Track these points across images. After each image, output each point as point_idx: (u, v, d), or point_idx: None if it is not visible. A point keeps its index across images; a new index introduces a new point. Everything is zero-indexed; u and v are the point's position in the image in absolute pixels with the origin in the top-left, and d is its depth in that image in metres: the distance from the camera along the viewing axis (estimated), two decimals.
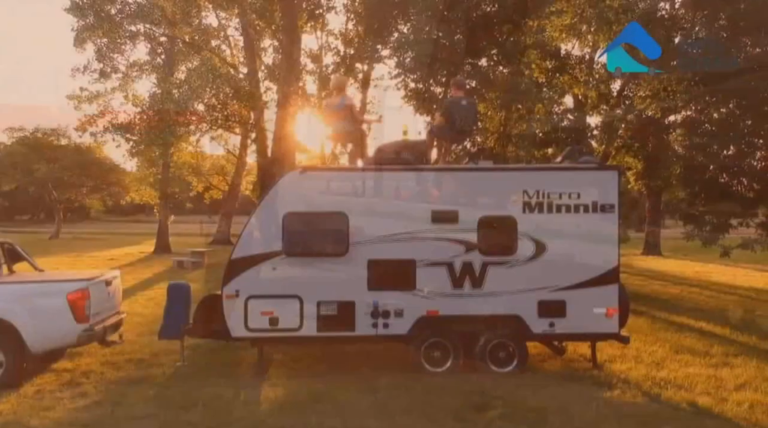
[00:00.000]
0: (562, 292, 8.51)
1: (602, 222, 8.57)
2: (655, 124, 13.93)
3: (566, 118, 13.40)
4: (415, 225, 8.45)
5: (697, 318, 13.17)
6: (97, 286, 8.75)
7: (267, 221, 8.40)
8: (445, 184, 8.60)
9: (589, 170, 8.69)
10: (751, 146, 13.11)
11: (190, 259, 26.15)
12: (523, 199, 8.52)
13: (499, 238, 8.53)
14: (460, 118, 9.13)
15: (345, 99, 9.15)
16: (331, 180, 8.61)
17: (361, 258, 8.39)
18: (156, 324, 12.50)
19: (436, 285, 8.44)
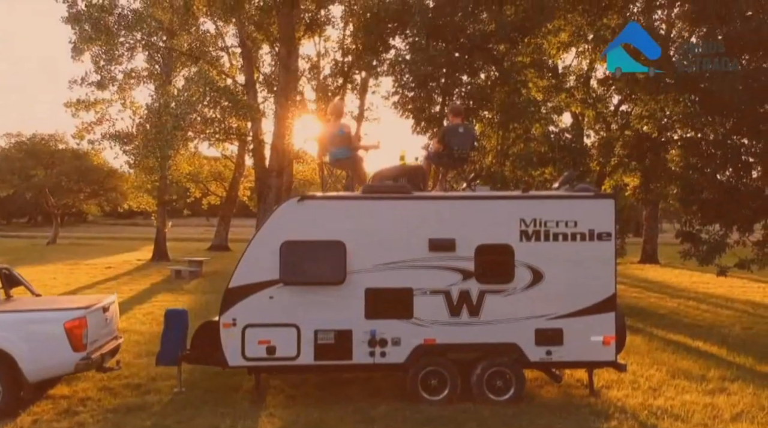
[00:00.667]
0: (560, 320, 8.53)
1: (599, 251, 8.58)
2: (651, 141, 13.95)
3: (564, 138, 13.39)
4: (413, 253, 8.46)
5: (693, 337, 13.20)
6: (95, 314, 8.74)
7: (264, 250, 8.39)
8: (442, 212, 8.60)
9: (586, 199, 8.70)
10: (747, 165, 13.15)
11: (187, 269, 26.15)
12: (520, 228, 8.52)
13: (496, 266, 8.53)
14: (458, 145, 9.15)
15: (343, 126, 9.16)
16: (328, 208, 8.62)
17: (358, 287, 8.39)
18: (154, 343, 12.58)
19: (433, 314, 8.45)
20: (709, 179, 12.95)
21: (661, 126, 13.34)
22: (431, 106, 13.78)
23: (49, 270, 28.11)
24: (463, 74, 13.89)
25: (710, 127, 12.69)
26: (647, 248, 31.37)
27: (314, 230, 8.42)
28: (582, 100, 14.18)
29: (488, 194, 8.99)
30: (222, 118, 19.38)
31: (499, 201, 8.82)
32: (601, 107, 14.34)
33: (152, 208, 33.26)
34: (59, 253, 37.11)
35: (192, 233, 58.07)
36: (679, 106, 12.56)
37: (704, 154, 13.01)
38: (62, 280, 24.36)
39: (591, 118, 14.63)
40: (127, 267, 30.31)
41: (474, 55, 13.54)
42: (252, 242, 8.55)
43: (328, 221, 8.49)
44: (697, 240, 13.61)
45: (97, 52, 22.23)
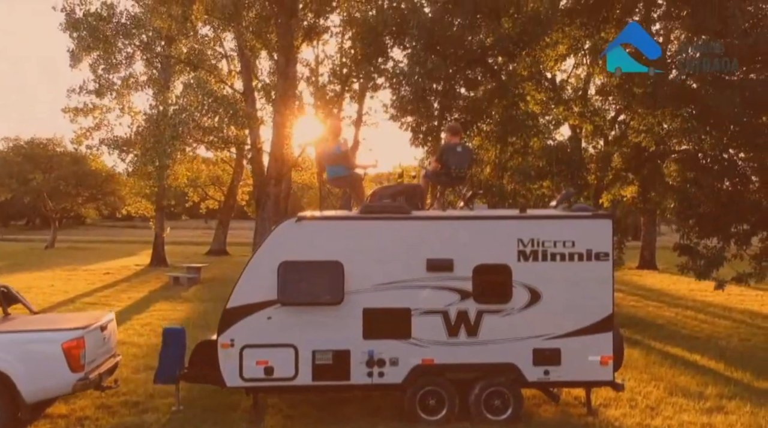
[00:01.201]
0: (557, 340, 8.54)
1: (597, 271, 8.59)
2: (649, 153, 13.96)
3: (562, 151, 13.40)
4: (411, 273, 8.47)
5: (691, 350, 13.22)
6: (93, 333, 8.73)
7: (262, 270, 8.39)
8: (440, 232, 8.61)
9: (584, 219, 8.71)
10: (745, 178, 13.17)
11: (186, 275, 26.15)
12: (518, 248, 8.53)
13: (494, 286, 8.55)
14: (455, 164, 9.16)
15: (341, 145, 9.17)
16: (326, 229, 8.62)
17: (356, 307, 8.40)
18: (152, 357, 12.58)
19: (431, 334, 8.45)
20: (707, 193, 12.97)
21: (658, 139, 13.36)
22: (430, 120, 13.78)
23: (47, 276, 28.09)
24: (461, 88, 13.89)
25: (708, 141, 12.71)
26: (645, 254, 31.41)
27: (312, 250, 8.43)
28: (580, 113, 14.19)
29: (486, 214, 8.99)
30: (220, 128, 19.39)
31: (496, 221, 8.84)
32: (598, 120, 14.36)
33: (150, 214, 33.23)
34: (57, 258, 37.08)
35: (190, 236, 58.06)
36: (677, 120, 12.59)
37: (702, 168, 13.03)
38: (60, 288, 24.34)
39: (588, 131, 14.65)
40: (126, 273, 30.29)
41: (472, 68, 13.54)
42: (250, 262, 8.56)
43: (326, 241, 8.49)
44: (695, 254, 13.63)
45: (96, 58, 22.20)
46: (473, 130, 14.18)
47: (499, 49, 13.29)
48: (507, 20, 13.56)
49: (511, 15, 13.32)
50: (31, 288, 23.74)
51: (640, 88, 12.77)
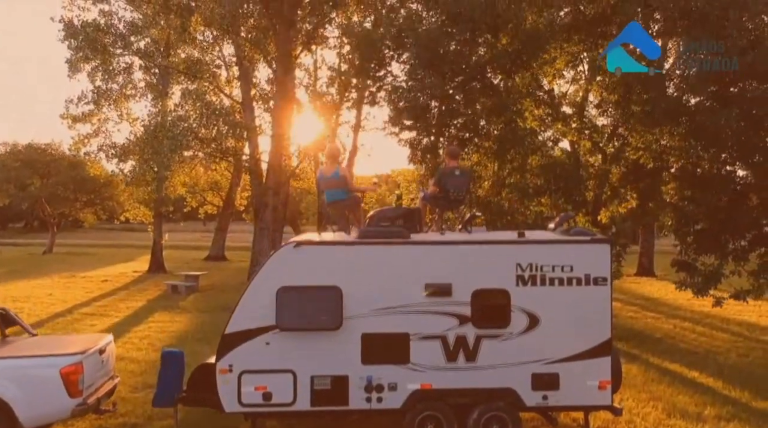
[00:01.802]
0: (556, 365, 8.54)
1: (595, 295, 8.59)
2: (647, 169, 13.97)
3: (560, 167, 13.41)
4: (409, 298, 8.47)
5: (690, 366, 13.22)
6: (91, 358, 8.73)
7: (261, 295, 8.40)
8: (438, 256, 8.61)
9: (582, 243, 8.71)
10: (743, 196, 13.17)
11: (184, 284, 26.12)
12: (517, 272, 8.54)
13: (492, 311, 8.55)
14: (454, 188, 9.18)
15: (339, 169, 9.18)
16: (324, 254, 8.62)
17: (354, 332, 8.40)
18: (150, 373, 12.58)
19: (430, 359, 8.46)
20: (704, 211, 12.99)
21: (656, 156, 13.36)
22: (428, 136, 13.77)
23: (46, 284, 28.05)
24: (459, 105, 13.89)
25: (705, 160, 12.72)
26: (643, 261, 31.43)
27: (310, 275, 8.43)
28: (578, 129, 14.20)
29: (484, 239, 8.98)
30: (219, 139, 19.37)
31: (495, 246, 8.82)
32: (596, 137, 14.37)
33: (149, 220, 33.21)
34: (56, 264, 37.03)
35: (189, 240, 57.97)
36: (674, 138, 12.59)
37: (699, 185, 13.04)
38: (59, 297, 24.31)
39: (586, 148, 14.65)
40: (124, 281, 30.25)
41: (470, 84, 13.53)
42: (248, 288, 8.56)
43: (325, 266, 8.49)
44: (693, 270, 13.64)
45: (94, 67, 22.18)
46: (471, 146, 14.18)
47: (497, 65, 13.28)
48: (505, 36, 13.57)
49: (510, 32, 13.32)
50: (30, 298, 23.74)
51: (637, 106, 12.78)
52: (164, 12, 18.23)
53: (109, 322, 19.11)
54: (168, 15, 18.28)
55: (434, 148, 13.87)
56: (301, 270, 8.44)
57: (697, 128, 12.28)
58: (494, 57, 13.10)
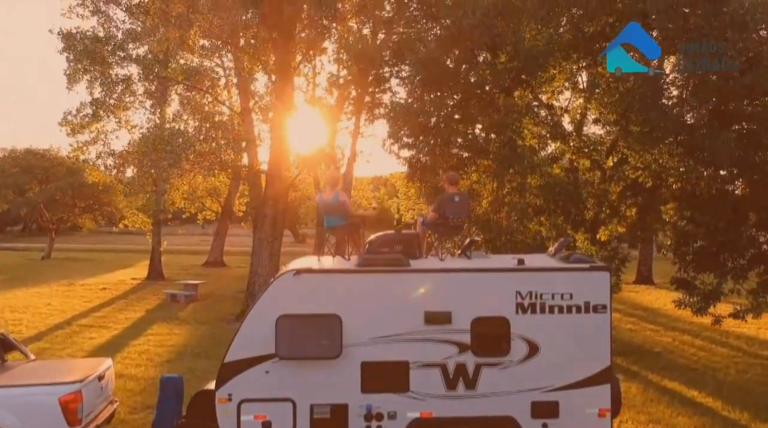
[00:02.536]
0: (556, 393, 8.52)
1: (594, 323, 8.58)
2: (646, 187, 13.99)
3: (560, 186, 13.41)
4: (408, 326, 8.45)
5: (689, 384, 13.23)
6: (90, 385, 8.73)
7: (260, 324, 8.37)
8: (438, 284, 8.60)
9: (581, 271, 8.71)
10: (742, 214, 13.18)
11: (183, 293, 26.15)
12: (516, 300, 8.53)
13: (492, 339, 8.54)
14: (453, 214, 9.18)
15: (339, 195, 9.18)
16: (324, 282, 8.61)
17: (354, 361, 8.38)
18: (150, 392, 12.57)
19: (429, 387, 8.44)
20: (703, 231, 13.00)
21: (655, 175, 13.37)
22: (427, 155, 13.77)
23: (44, 293, 28.04)
24: (458, 124, 13.89)
25: (704, 179, 12.73)
26: (642, 269, 31.48)
27: (310, 304, 8.41)
28: (577, 148, 14.20)
29: (484, 267, 8.97)
30: (217, 153, 19.35)
31: (494, 273, 8.82)
32: (596, 155, 14.38)
33: (147, 228, 33.20)
34: (54, 270, 36.99)
35: (187, 244, 57.88)
36: (674, 159, 12.61)
37: (698, 206, 13.06)
38: (57, 306, 24.33)
39: (585, 167, 14.65)
40: (123, 289, 30.25)
41: (469, 103, 13.52)
42: (248, 316, 8.54)
43: (324, 294, 8.47)
44: (692, 288, 13.64)
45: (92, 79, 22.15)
46: (470, 166, 14.18)
47: (496, 83, 13.27)
48: (504, 55, 13.56)
49: (509, 50, 13.32)
50: (28, 308, 23.75)
51: (636, 126, 12.80)
52: (163, 24, 18.21)
53: (108, 335, 19.12)
54: (167, 27, 18.26)
55: (433, 167, 13.88)
56: (300, 298, 8.41)
57: (695, 148, 12.29)
58: (493, 75, 13.10)
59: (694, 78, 12.67)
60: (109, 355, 16.17)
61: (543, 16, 13.37)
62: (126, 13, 22.96)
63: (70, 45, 20.48)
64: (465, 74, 13.47)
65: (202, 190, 38.23)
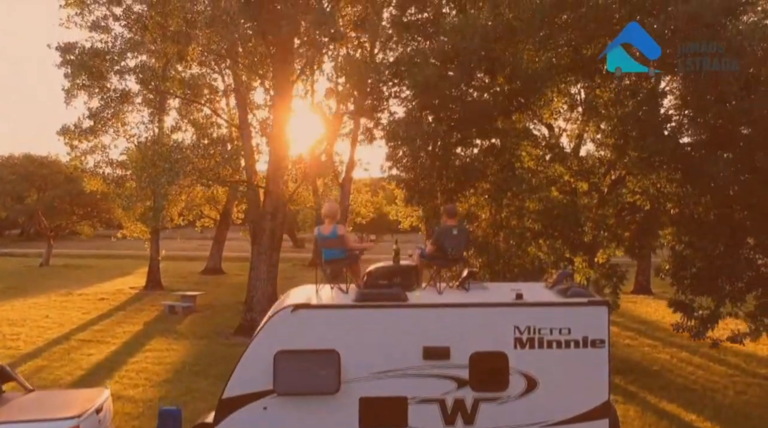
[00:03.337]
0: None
1: (592, 358, 8.58)
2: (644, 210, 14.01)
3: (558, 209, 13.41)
4: (407, 361, 8.45)
5: (687, 407, 13.24)
6: (89, 419, 8.72)
7: (258, 359, 8.36)
8: (436, 319, 8.60)
9: (579, 306, 8.71)
10: (740, 238, 13.20)
11: (181, 304, 26.11)
12: (515, 335, 8.54)
13: (490, 374, 8.54)
14: (451, 247, 9.19)
15: (338, 228, 9.18)
16: (322, 317, 8.60)
17: (352, 396, 8.37)
18: (148, 417, 12.56)
19: (428, 423, 8.44)
20: (701, 256, 13.02)
21: (653, 199, 13.40)
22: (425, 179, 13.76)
23: (42, 303, 27.99)
24: (456, 147, 13.90)
25: (702, 205, 12.75)
26: (640, 279, 31.50)
27: (308, 339, 8.40)
28: (576, 171, 14.21)
29: (482, 301, 8.97)
30: (216, 169, 19.35)
31: (493, 308, 8.82)
32: (594, 178, 14.39)
33: (146, 237, 33.19)
34: (52, 279, 36.95)
35: (186, 249, 57.82)
36: (672, 185, 12.62)
37: (696, 231, 13.07)
38: (55, 319, 24.28)
39: (583, 190, 14.65)
40: (121, 299, 30.19)
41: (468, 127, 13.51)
42: (246, 352, 8.53)
43: (322, 330, 8.47)
44: (690, 310, 13.66)
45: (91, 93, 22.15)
46: (469, 190, 14.18)
47: (494, 106, 13.27)
48: (502, 77, 13.56)
49: (507, 74, 13.32)
50: (26, 321, 23.70)
51: (635, 151, 12.80)
52: (162, 40, 18.19)
53: (106, 351, 19.09)
54: (165, 42, 18.24)
55: (432, 190, 13.87)
56: (298, 333, 8.41)
57: (693, 174, 12.30)
58: (492, 98, 13.10)
59: (692, 100, 12.66)
60: (107, 373, 16.35)
61: (541, 39, 13.38)
62: (124, 28, 22.90)
63: (68, 60, 20.45)
64: (463, 97, 13.46)
65: (200, 198, 38.27)
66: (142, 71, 20.96)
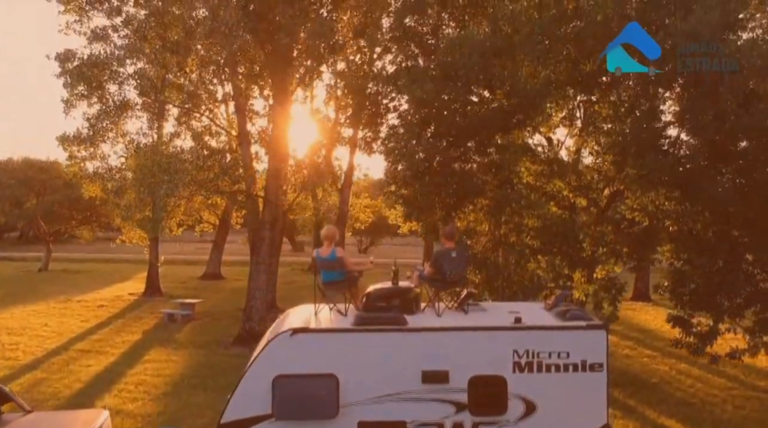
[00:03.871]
0: None
1: (591, 381, 8.59)
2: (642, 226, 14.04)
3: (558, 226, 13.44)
4: (405, 385, 8.45)
5: (686, 422, 13.25)
6: None
7: (257, 384, 8.36)
8: (435, 343, 8.60)
9: (578, 330, 8.72)
10: (740, 256, 13.21)
11: (180, 312, 26.09)
12: (513, 359, 8.54)
13: (489, 398, 8.54)
14: (450, 270, 9.20)
15: (336, 251, 9.19)
16: (320, 341, 8.60)
17: (351, 420, 8.37)
18: None
19: None
20: (699, 273, 13.04)
21: (651, 216, 13.42)
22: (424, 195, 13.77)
23: (41, 311, 27.96)
24: (455, 163, 13.91)
25: (701, 222, 12.77)
26: (639, 285, 31.52)
27: (307, 364, 8.40)
28: (575, 187, 14.23)
29: (481, 325, 8.97)
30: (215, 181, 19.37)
31: (491, 332, 8.82)
32: (593, 194, 14.41)
33: (145, 243, 33.19)
34: (51, 284, 36.92)
35: (185, 253, 57.79)
36: (671, 202, 12.65)
37: (695, 249, 13.09)
38: (54, 328, 24.26)
39: (582, 206, 14.67)
40: (120, 306, 30.20)
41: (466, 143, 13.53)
42: (244, 376, 8.52)
43: (321, 354, 8.47)
44: (689, 326, 13.68)
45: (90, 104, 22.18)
46: (468, 206, 14.19)
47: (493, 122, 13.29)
48: (500, 93, 13.58)
49: (505, 91, 13.34)
50: (25, 330, 23.68)
51: (633, 169, 12.82)
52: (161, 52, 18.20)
53: (105, 362, 19.08)
54: (165, 54, 18.26)
55: (431, 206, 13.88)
56: (297, 358, 8.41)
57: (692, 190, 12.31)
58: (490, 114, 13.11)
59: (690, 117, 12.67)
60: (106, 386, 16.33)
61: (539, 55, 13.40)
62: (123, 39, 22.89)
63: (67, 70, 20.46)
64: (462, 113, 13.49)
65: (199, 204, 38.26)
66: (141, 79, 20.94)
